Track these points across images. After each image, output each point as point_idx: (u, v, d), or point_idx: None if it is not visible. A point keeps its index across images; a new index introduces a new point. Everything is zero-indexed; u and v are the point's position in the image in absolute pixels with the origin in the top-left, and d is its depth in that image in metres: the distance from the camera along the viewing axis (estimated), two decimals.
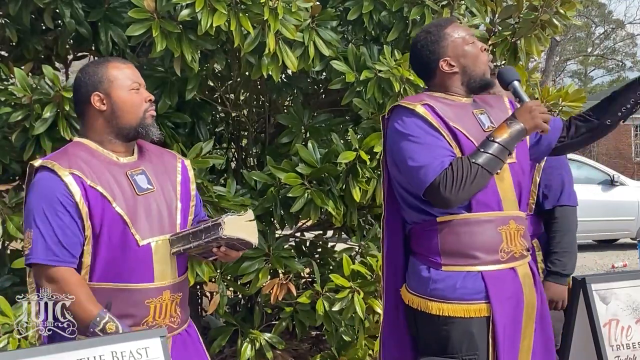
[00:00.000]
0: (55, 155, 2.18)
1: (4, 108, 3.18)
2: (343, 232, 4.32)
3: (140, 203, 2.15)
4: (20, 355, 1.80)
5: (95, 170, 2.12)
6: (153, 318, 2.14)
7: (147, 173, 2.21)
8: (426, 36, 2.51)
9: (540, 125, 2.39)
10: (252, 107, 4.29)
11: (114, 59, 2.26)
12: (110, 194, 2.10)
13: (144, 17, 3.11)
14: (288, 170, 3.53)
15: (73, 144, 2.23)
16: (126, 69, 2.21)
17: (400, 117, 2.44)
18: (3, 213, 3.35)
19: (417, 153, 2.35)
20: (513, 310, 2.43)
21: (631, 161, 25.27)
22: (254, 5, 3.15)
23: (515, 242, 2.46)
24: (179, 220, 2.22)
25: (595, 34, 36.25)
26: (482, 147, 2.35)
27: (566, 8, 3.89)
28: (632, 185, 11.63)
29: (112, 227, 2.10)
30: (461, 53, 2.47)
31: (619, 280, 2.77)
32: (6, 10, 3.46)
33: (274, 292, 3.60)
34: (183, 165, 2.34)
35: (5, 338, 2.96)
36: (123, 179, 2.15)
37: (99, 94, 2.17)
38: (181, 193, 2.27)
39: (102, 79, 2.17)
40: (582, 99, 4.06)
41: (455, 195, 2.30)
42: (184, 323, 2.27)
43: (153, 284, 2.14)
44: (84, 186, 2.08)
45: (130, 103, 2.17)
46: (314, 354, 4.19)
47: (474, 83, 2.50)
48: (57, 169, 2.08)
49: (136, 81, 2.20)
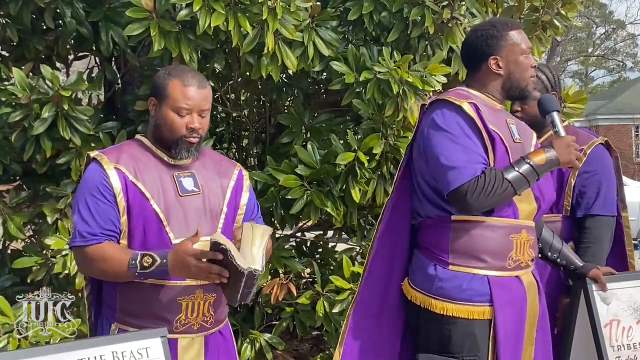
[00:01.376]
0: (109, 149, 2.28)
1: (4, 108, 3.18)
2: (343, 232, 4.32)
3: (181, 204, 2.19)
4: (20, 355, 1.80)
5: (142, 168, 2.19)
6: (185, 316, 2.18)
7: (195, 176, 2.25)
8: (490, 29, 2.50)
9: (572, 162, 2.45)
10: (252, 107, 4.29)
11: (187, 76, 2.23)
12: (150, 191, 2.16)
13: (143, 17, 3.11)
14: (287, 171, 3.53)
15: (131, 140, 2.33)
16: (188, 89, 2.20)
17: (442, 110, 2.42)
18: (4, 213, 3.35)
19: (452, 152, 2.35)
20: (516, 316, 2.43)
21: (632, 161, 25.28)
22: (252, 5, 3.15)
23: (524, 252, 2.46)
24: (220, 225, 2.25)
25: (596, 35, 36.28)
26: (515, 164, 2.37)
27: (567, 9, 3.89)
28: (632, 185, 11.62)
29: (148, 223, 2.16)
30: (513, 59, 2.48)
31: (620, 281, 2.77)
32: (7, 10, 3.45)
33: (274, 292, 3.59)
34: (240, 174, 2.37)
35: (5, 338, 2.96)
36: (168, 179, 2.21)
37: (153, 100, 2.24)
38: (230, 198, 2.30)
39: (163, 89, 2.22)
40: (583, 100, 4.06)
41: (480, 204, 2.32)
42: (218, 324, 2.30)
43: (185, 282, 2.16)
44: (125, 181, 2.16)
45: (170, 123, 2.20)
46: (314, 354, 4.19)
47: (514, 91, 2.52)
48: (104, 162, 2.17)
49: (189, 106, 2.19)
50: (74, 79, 3.22)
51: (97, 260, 2.11)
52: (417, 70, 3.54)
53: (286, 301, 3.76)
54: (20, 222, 3.37)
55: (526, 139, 2.55)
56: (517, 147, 2.46)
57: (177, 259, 2.03)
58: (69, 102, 3.17)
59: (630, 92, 27.51)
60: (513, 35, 2.49)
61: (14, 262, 3.35)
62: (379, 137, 3.58)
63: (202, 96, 2.22)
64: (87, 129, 3.26)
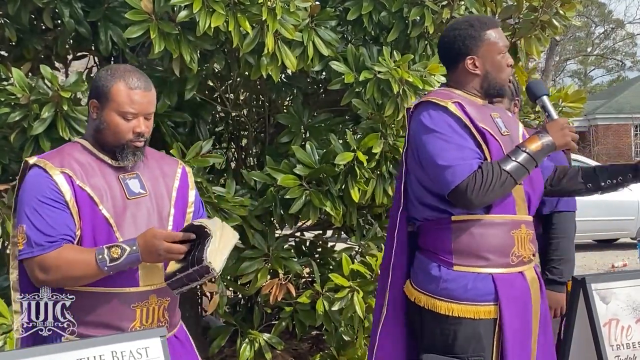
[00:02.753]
0: (49, 154, 2.17)
1: (3, 108, 3.18)
2: (343, 232, 4.32)
3: (129, 207, 2.13)
4: (20, 355, 1.80)
5: (87, 172, 2.11)
6: (140, 323, 2.12)
7: (141, 178, 2.18)
8: (467, 28, 2.48)
9: (569, 144, 2.43)
10: (251, 106, 4.30)
11: (132, 79, 2.13)
12: (98, 195, 2.09)
13: (142, 19, 3.11)
14: (286, 171, 3.53)
15: (70, 144, 2.23)
16: (134, 92, 2.11)
17: (428, 111, 2.41)
18: (2, 213, 3.35)
19: (446, 152, 2.34)
20: (522, 313, 2.43)
21: (631, 160, 25.26)
22: (252, 6, 3.15)
23: (525, 247, 2.46)
24: (169, 227, 2.19)
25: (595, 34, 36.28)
26: (512, 154, 2.36)
27: (566, 9, 3.89)
28: (631, 185, 11.62)
29: (97, 229, 2.08)
30: (490, 59, 2.46)
31: (619, 280, 2.77)
32: (5, 10, 3.45)
33: (273, 292, 3.60)
34: (183, 171, 2.32)
35: (3, 338, 2.96)
36: (114, 182, 2.13)
37: (95, 102, 2.15)
38: (176, 199, 2.25)
39: (107, 92, 2.12)
40: (582, 99, 4.07)
41: (481, 199, 2.31)
42: (173, 327, 2.24)
43: (138, 288, 2.11)
44: (73, 186, 2.07)
45: (115, 127, 2.11)
46: (314, 354, 4.19)
47: (492, 90, 2.51)
48: (49, 168, 2.08)
49: (135, 110, 2.11)
50: (73, 80, 3.21)
51: (61, 265, 2.00)
52: (417, 70, 3.54)
53: (285, 301, 3.77)
54: None
55: (513, 130, 2.55)
56: (507, 140, 2.46)
57: (146, 244, 1.97)
58: (69, 103, 3.17)
59: (629, 92, 27.51)
60: (490, 35, 2.46)
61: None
62: (379, 136, 3.58)
63: (148, 99, 2.14)
64: (86, 130, 3.25)
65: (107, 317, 2.09)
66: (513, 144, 2.45)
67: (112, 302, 2.09)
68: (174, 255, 1.99)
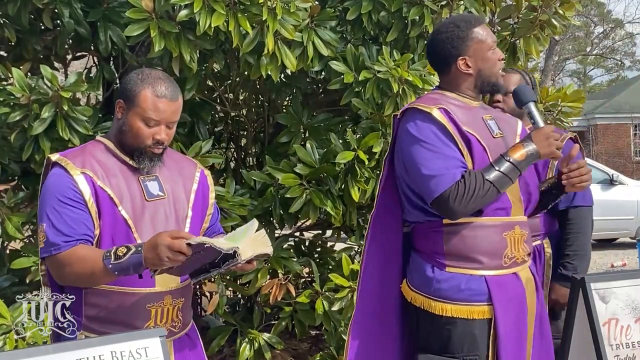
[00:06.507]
0: (72, 152, 2.19)
1: (3, 108, 3.18)
2: (342, 232, 4.32)
3: (148, 209, 2.15)
4: (20, 355, 1.80)
5: (108, 172, 2.13)
6: (155, 323, 2.14)
7: (160, 179, 2.20)
8: (454, 30, 2.46)
9: (554, 153, 2.40)
10: (251, 106, 4.30)
11: (160, 87, 2.14)
12: (117, 196, 2.11)
13: (142, 17, 3.11)
14: (286, 170, 3.53)
15: (93, 142, 2.25)
16: (160, 101, 2.12)
17: (415, 120, 2.40)
18: (2, 213, 3.35)
19: (430, 161, 2.34)
20: (517, 313, 2.43)
21: (630, 160, 25.28)
22: (252, 6, 3.15)
23: (519, 248, 2.45)
24: (187, 229, 2.21)
25: (594, 34, 36.26)
26: (495, 163, 2.35)
27: (565, 8, 3.90)
28: (631, 184, 11.64)
29: (116, 229, 2.11)
30: (481, 57, 2.45)
31: (618, 280, 2.77)
32: (5, 10, 3.45)
33: (273, 292, 3.60)
34: (202, 175, 2.33)
35: (2, 339, 2.96)
36: (134, 184, 2.15)
37: (121, 103, 2.16)
38: (194, 202, 2.26)
39: (134, 95, 2.13)
40: (581, 99, 4.07)
41: (464, 208, 2.31)
42: (185, 327, 2.27)
43: (154, 289, 2.13)
44: (94, 186, 2.10)
45: (136, 131, 2.14)
46: (314, 354, 4.19)
47: (486, 86, 2.50)
48: (70, 168, 2.10)
49: (158, 118, 2.13)
50: (73, 80, 3.21)
51: (73, 263, 2.02)
52: (416, 70, 3.54)
53: (285, 300, 3.77)
54: (18, 222, 3.37)
55: (509, 130, 2.53)
56: (498, 142, 2.44)
57: (150, 240, 1.96)
58: (69, 103, 3.17)
59: (628, 91, 27.51)
60: (478, 33, 2.45)
61: (13, 263, 3.35)
62: (379, 136, 3.58)
63: (173, 109, 2.15)
64: (86, 130, 3.26)
65: (123, 316, 2.11)
66: (506, 145, 2.44)
67: (128, 301, 2.11)
68: (174, 255, 1.98)
